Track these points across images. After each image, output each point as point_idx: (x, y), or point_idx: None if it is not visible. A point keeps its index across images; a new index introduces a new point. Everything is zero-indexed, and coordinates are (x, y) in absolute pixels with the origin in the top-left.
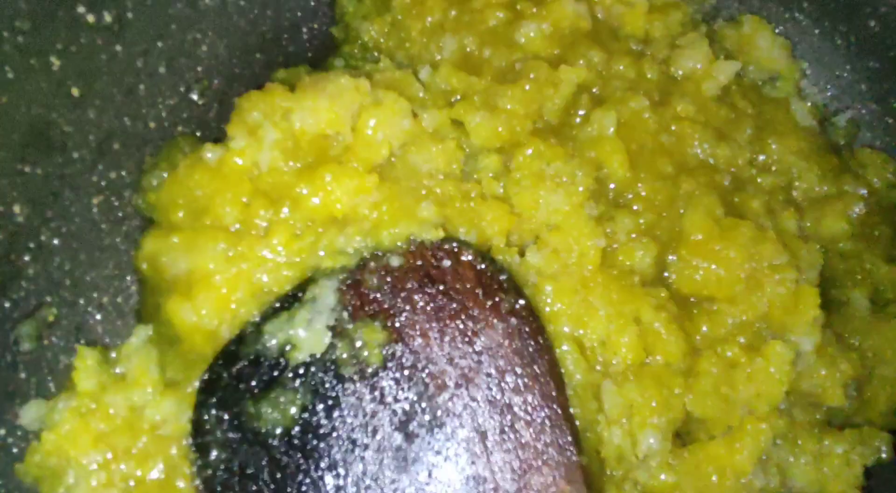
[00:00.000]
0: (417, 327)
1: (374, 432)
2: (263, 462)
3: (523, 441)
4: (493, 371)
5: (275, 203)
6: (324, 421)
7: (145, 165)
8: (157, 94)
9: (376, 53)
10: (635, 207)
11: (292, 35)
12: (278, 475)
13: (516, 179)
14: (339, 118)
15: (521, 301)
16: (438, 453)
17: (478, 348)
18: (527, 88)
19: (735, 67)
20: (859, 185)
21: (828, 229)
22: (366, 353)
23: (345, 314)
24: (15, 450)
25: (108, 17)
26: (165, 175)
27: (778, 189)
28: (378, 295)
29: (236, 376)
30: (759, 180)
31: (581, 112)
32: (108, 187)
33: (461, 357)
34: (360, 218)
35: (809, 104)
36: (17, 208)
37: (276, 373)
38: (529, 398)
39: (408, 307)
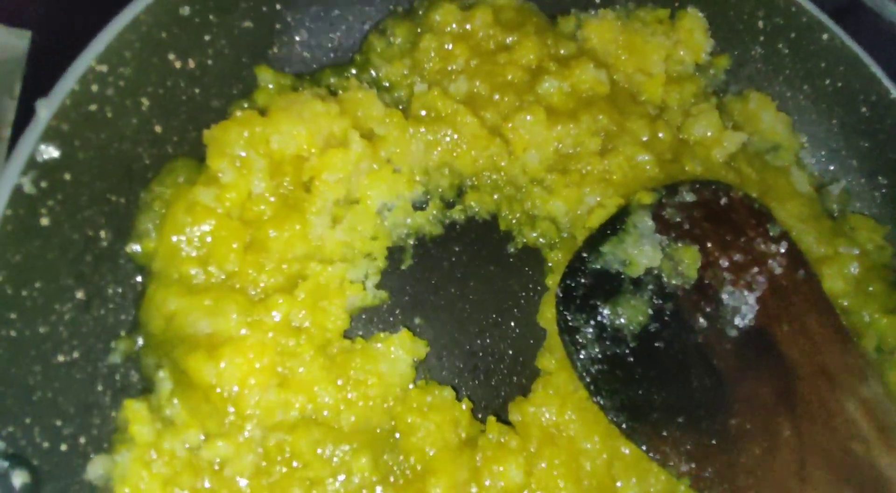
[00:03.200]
0: (715, 248)
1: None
2: (626, 352)
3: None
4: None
5: (257, 251)
6: (662, 323)
7: (140, 201)
8: None
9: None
10: None
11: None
12: (640, 366)
13: None
14: (313, 142)
15: (780, 228)
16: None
17: (762, 264)
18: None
19: (742, 138)
20: (852, 246)
21: (829, 288)
22: (685, 269)
23: (664, 238)
24: None
25: (191, 64)
26: (158, 221)
27: None
28: (683, 224)
29: (586, 286)
30: None
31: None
32: None
33: (748, 269)
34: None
35: (807, 173)
36: (102, 233)
37: (618, 284)
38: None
39: (706, 233)
